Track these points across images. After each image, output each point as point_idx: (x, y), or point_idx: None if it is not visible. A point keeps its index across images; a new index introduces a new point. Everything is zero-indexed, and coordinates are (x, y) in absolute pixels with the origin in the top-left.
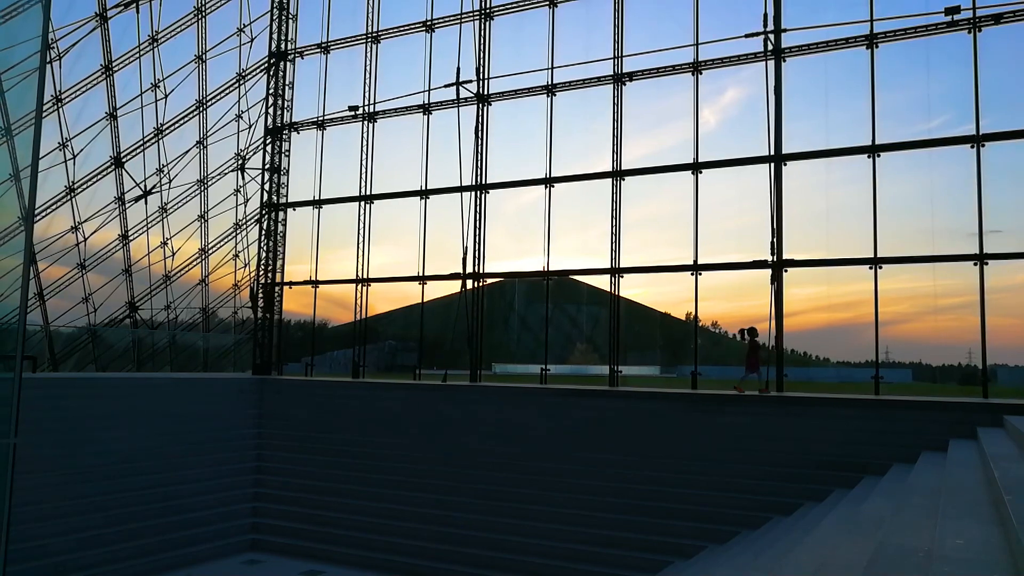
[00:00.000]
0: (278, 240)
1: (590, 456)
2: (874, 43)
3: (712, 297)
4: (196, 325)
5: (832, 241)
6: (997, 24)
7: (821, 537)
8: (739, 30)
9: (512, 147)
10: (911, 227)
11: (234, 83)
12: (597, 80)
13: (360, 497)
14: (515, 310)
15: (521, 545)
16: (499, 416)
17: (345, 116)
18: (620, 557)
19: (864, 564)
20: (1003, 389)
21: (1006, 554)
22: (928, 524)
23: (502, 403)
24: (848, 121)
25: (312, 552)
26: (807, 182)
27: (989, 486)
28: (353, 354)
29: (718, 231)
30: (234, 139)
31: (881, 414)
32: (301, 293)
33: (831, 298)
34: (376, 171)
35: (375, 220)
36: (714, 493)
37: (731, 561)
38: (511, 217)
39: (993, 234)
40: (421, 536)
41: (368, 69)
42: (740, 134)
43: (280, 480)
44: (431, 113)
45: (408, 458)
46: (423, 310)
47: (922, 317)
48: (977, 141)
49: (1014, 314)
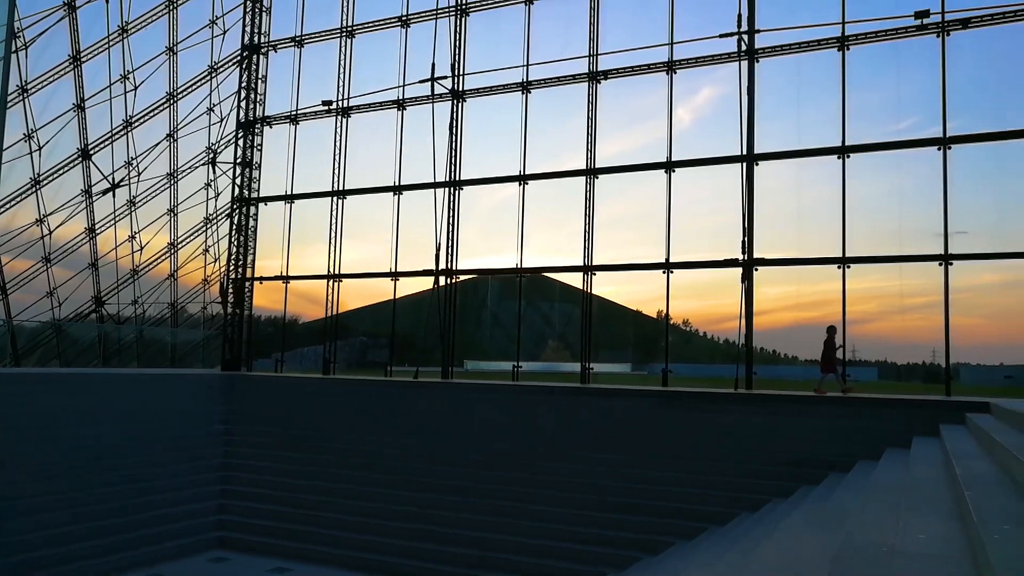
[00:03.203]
0: (249, 235)
1: (560, 453)
2: (845, 45)
3: (683, 295)
4: (164, 320)
5: (802, 241)
6: (965, 29)
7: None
8: (714, 30)
9: (486, 144)
10: (879, 227)
11: (206, 76)
12: (572, 78)
13: (330, 494)
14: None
15: (491, 541)
16: (470, 413)
17: (318, 111)
18: (588, 553)
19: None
20: (965, 387)
21: (966, 549)
22: (891, 520)
23: (474, 400)
24: (820, 122)
25: (280, 550)
26: (779, 182)
27: (951, 482)
28: (324, 351)
29: (690, 230)
30: (205, 132)
31: (847, 412)
32: (272, 289)
33: (800, 297)
34: (349, 167)
35: (347, 216)
36: (682, 489)
37: (699, 557)
38: (484, 214)
39: (958, 235)
40: (391, 533)
41: (342, 64)
42: (714, 133)
43: (249, 477)
44: (405, 109)
45: (379, 455)
46: (395, 306)
47: (888, 316)
48: (944, 143)
49: (977, 314)
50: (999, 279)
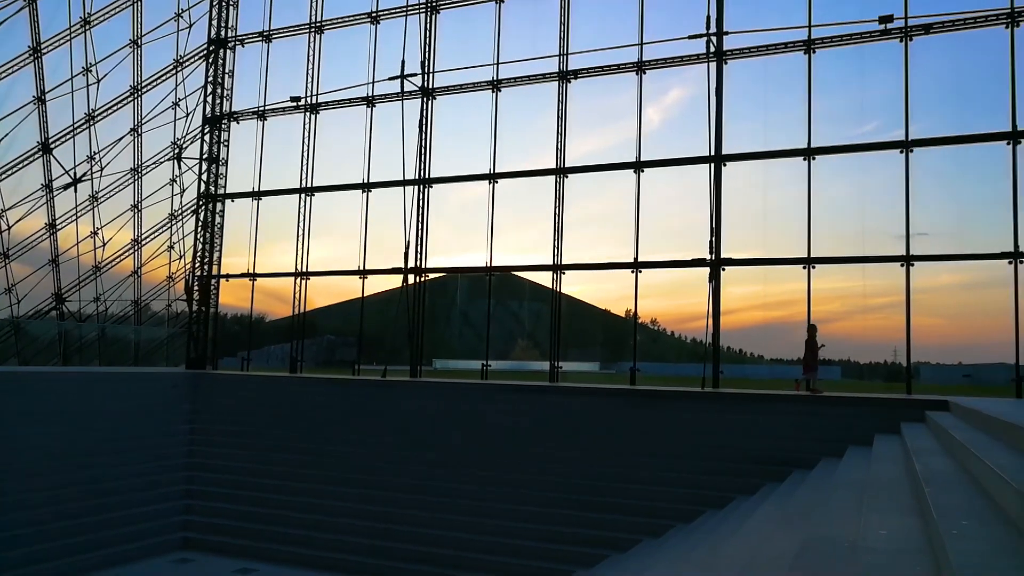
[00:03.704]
0: (215, 232)
1: (529, 451)
2: (812, 49)
3: (652, 295)
4: (127, 318)
5: (768, 241)
6: (927, 34)
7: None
8: (683, 31)
9: (456, 142)
10: (844, 228)
11: (171, 70)
12: (543, 77)
13: (296, 493)
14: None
15: (458, 540)
16: (438, 412)
17: (287, 107)
18: (556, 551)
19: (793, 555)
20: (925, 386)
21: (926, 544)
22: (854, 516)
23: (442, 399)
24: (787, 123)
25: (246, 550)
26: (746, 182)
27: (911, 479)
28: (291, 349)
29: (659, 230)
30: (170, 127)
31: (811, 410)
32: (238, 286)
33: (766, 297)
34: (318, 163)
35: (316, 213)
36: (650, 487)
37: (666, 554)
38: (454, 212)
39: (920, 237)
40: (359, 532)
41: (311, 59)
42: (682, 134)
43: (214, 477)
44: (375, 106)
45: (347, 454)
46: (363, 305)
47: (851, 316)
48: (906, 146)
49: (937, 314)
50: (958, 280)
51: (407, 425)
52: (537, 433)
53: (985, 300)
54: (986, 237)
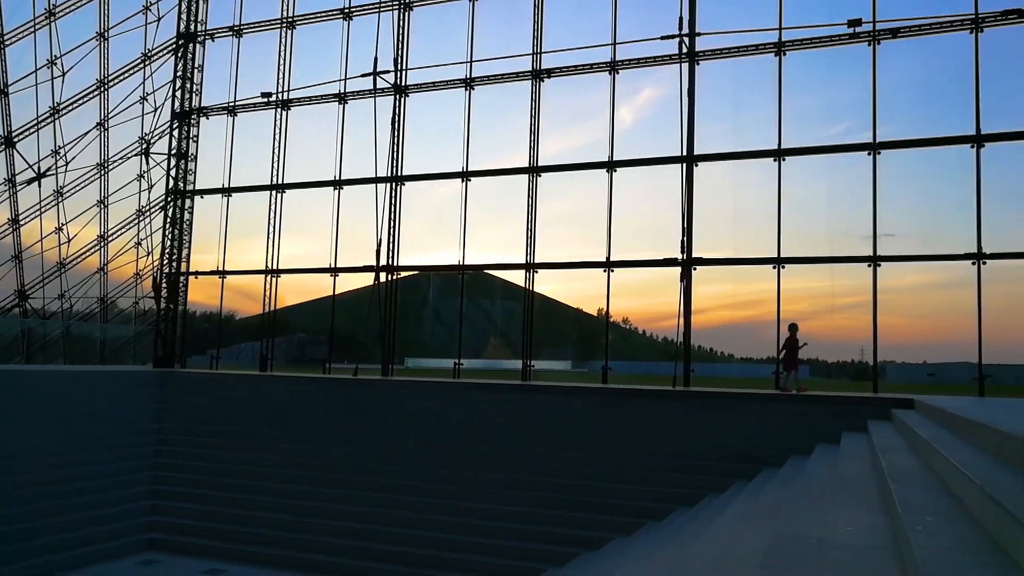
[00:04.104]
0: (184, 228)
1: (501, 450)
2: (782, 51)
3: (624, 294)
4: (93, 315)
5: (739, 241)
6: (895, 38)
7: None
8: (655, 32)
9: (429, 139)
10: (813, 229)
11: (139, 64)
12: (516, 76)
13: (266, 493)
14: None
15: (430, 539)
16: (411, 411)
17: (257, 103)
18: (528, 549)
19: (762, 552)
20: (891, 384)
21: (892, 540)
22: (821, 513)
23: (414, 397)
24: (757, 124)
25: (214, 551)
26: (717, 183)
27: (878, 476)
28: (261, 347)
29: (631, 229)
30: (138, 122)
31: (780, 408)
32: (207, 283)
33: (736, 296)
34: (289, 160)
35: (287, 210)
36: (621, 485)
37: (636, 552)
38: (427, 210)
39: (886, 237)
40: (328, 532)
41: (282, 55)
42: (655, 134)
43: (181, 477)
44: (347, 102)
45: (316, 453)
46: (334, 303)
47: (820, 316)
48: (874, 148)
49: (903, 314)
50: (923, 280)
51: (379, 424)
52: (509, 432)
53: (949, 300)
54: (951, 238)
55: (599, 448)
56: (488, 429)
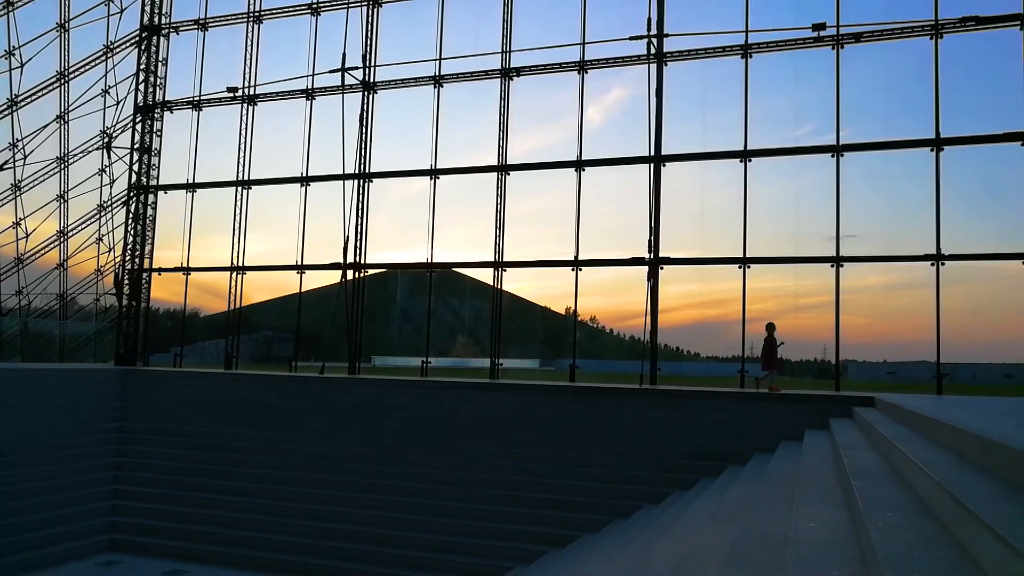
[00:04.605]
0: (147, 224)
1: (469, 448)
2: (749, 53)
3: (591, 292)
4: (52, 312)
5: (705, 241)
6: (858, 42)
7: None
8: (624, 32)
9: (398, 137)
10: (778, 229)
11: (101, 56)
12: (485, 74)
13: (230, 492)
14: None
15: (397, 538)
16: (378, 409)
17: (223, 97)
18: (495, 548)
19: (727, 548)
20: (853, 383)
21: (853, 535)
22: (785, 509)
23: (381, 396)
24: (725, 125)
25: (176, 551)
26: (685, 183)
27: (839, 473)
28: (226, 345)
29: (599, 228)
30: (100, 115)
31: (745, 407)
32: (171, 280)
33: (703, 295)
34: (255, 156)
35: (253, 207)
36: (588, 483)
37: (603, 549)
38: (395, 208)
39: (849, 238)
40: (293, 531)
41: (249, 50)
42: (623, 134)
43: (143, 476)
44: (315, 99)
45: (282, 452)
46: (301, 300)
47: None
48: (837, 151)
49: (864, 313)
50: (884, 281)
51: (345, 423)
52: (477, 430)
53: (909, 300)
54: (912, 240)
55: (566, 446)
56: (456, 427)
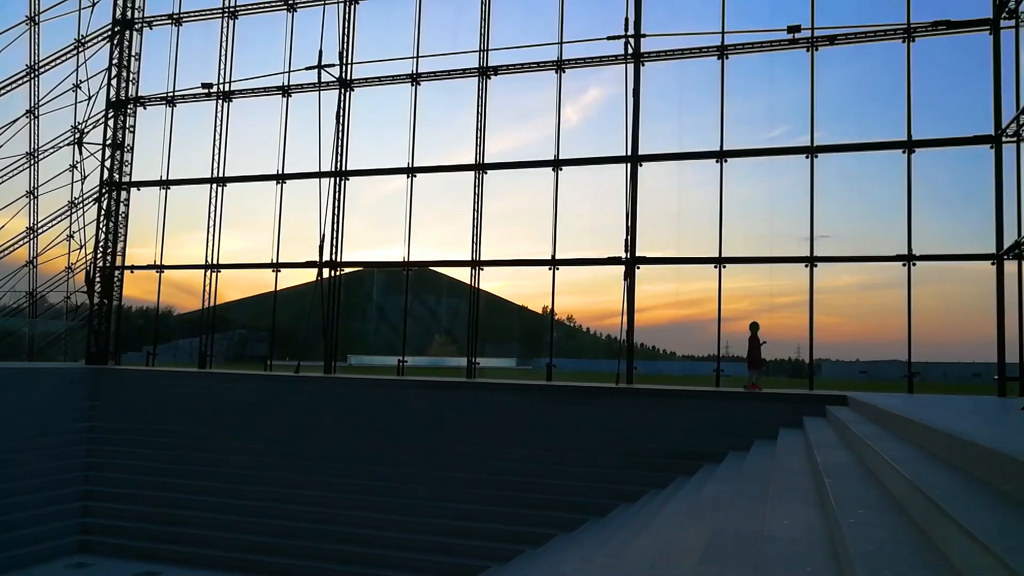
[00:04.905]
0: (119, 221)
1: (445, 447)
2: (725, 54)
3: (568, 291)
4: (21, 310)
5: (682, 240)
6: (832, 45)
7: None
8: (602, 32)
9: (374, 135)
10: (753, 229)
11: (72, 50)
12: (463, 72)
13: (203, 492)
14: (373, 301)
15: (372, 538)
16: (354, 408)
17: (198, 93)
18: (471, 547)
19: (703, 547)
20: (826, 381)
21: (826, 532)
22: (759, 507)
23: (356, 395)
24: (701, 126)
25: (148, 552)
26: (661, 183)
27: (813, 471)
28: (200, 343)
29: (576, 227)
30: (71, 110)
31: (720, 405)
32: (144, 278)
33: (679, 295)
34: (230, 153)
35: (228, 204)
36: (565, 482)
37: (579, 548)
38: (371, 206)
39: (823, 239)
40: (267, 531)
41: (224, 46)
42: (600, 133)
43: (115, 477)
44: (291, 96)
45: (256, 451)
46: (276, 298)
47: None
48: (811, 152)
49: (837, 313)
50: (857, 281)
51: (320, 422)
52: (453, 429)
53: (881, 300)
54: (884, 240)
55: (543, 445)
56: (432, 426)
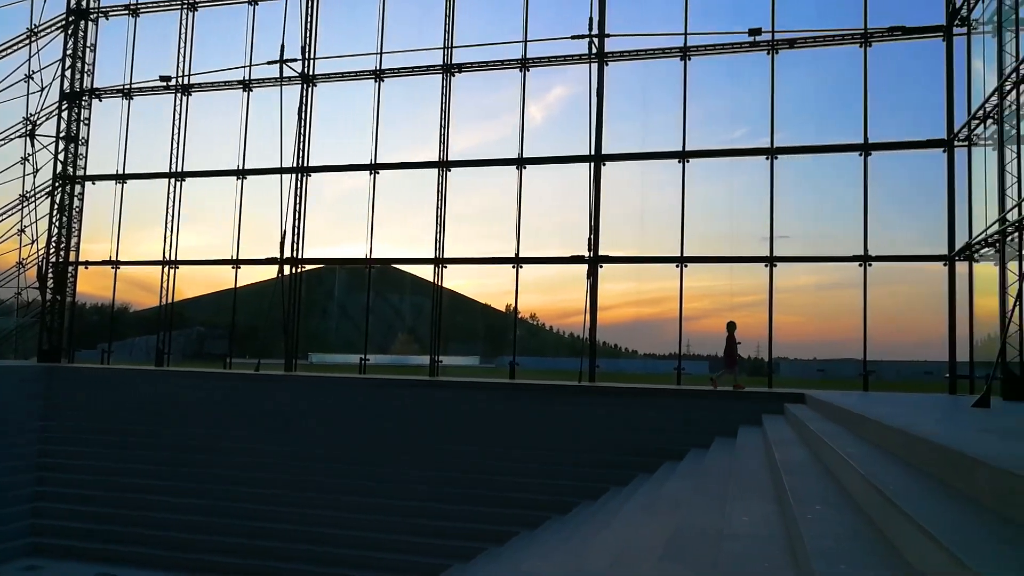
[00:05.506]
0: (73, 216)
1: (407, 446)
2: (687, 55)
3: (532, 290)
4: None
5: (644, 239)
6: (792, 48)
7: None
8: (566, 31)
9: (337, 131)
10: (714, 229)
11: (24, 40)
12: (427, 69)
13: (160, 492)
14: (335, 298)
15: (334, 537)
16: (314, 407)
17: (156, 86)
18: (433, 545)
19: (663, 544)
20: (784, 380)
21: (784, 528)
22: (719, 504)
23: (318, 393)
24: (664, 126)
25: (103, 554)
26: (624, 182)
27: (771, 468)
28: (157, 341)
29: (540, 226)
30: (22, 101)
31: (680, 403)
32: (99, 274)
33: (640, 294)
34: (189, 148)
35: (187, 199)
36: (527, 480)
37: (540, 546)
38: (333, 202)
39: (782, 239)
40: (226, 531)
41: (183, 38)
42: (565, 132)
43: (68, 477)
44: (252, 90)
45: (214, 450)
46: (236, 295)
47: (719, 313)
48: (771, 153)
49: (796, 312)
50: (815, 281)
51: (281, 421)
52: (416, 428)
53: (838, 300)
54: (841, 241)
55: (506, 443)
56: (394, 425)
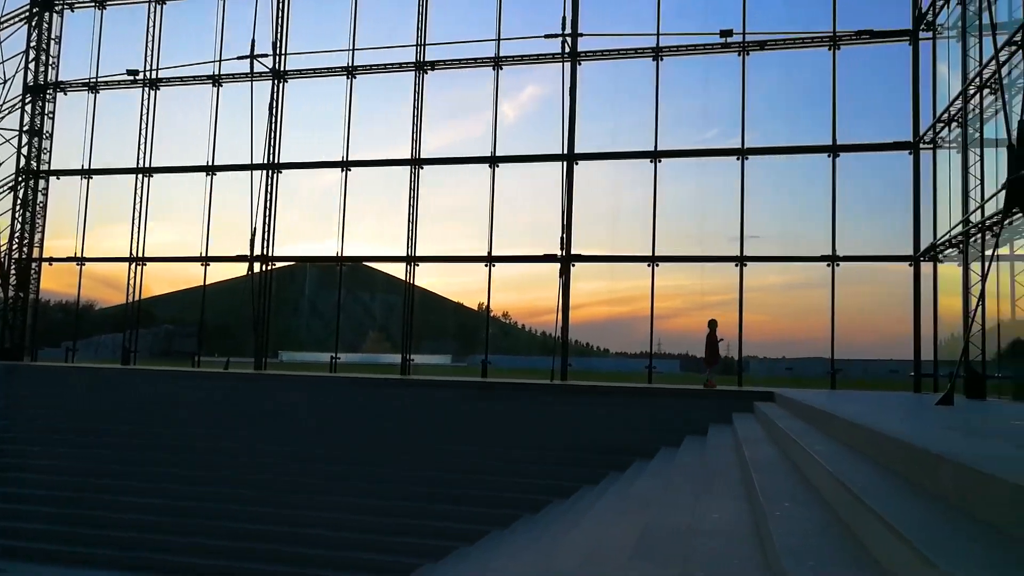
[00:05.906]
0: (37, 211)
1: (378, 444)
2: (660, 56)
3: (504, 288)
4: None
5: (616, 239)
6: (762, 50)
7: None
8: (540, 30)
9: (308, 127)
10: (685, 229)
11: None
12: (399, 66)
13: (123, 492)
14: (305, 296)
15: (303, 535)
16: (284, 405)
17: (123, 80)
18: (403, 544)
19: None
20: (754, 378)
21: (754, 525)
22: (689, 502)
23: (288, 392)
24: (637, 126)
25: (63, 556)
26: (597, 181)
27: (741, 465)
28: (124, 339)
29: (512, 224)
30: None
31: (652, 401)
32: (64, 271)
33: (612, 292)
34: (158, 143)
35: (155, 195)
36: (499, 478)
37: (511, 545)
38: (305, 199)
39: (752, 239)
40: (192, 532)
41: (151, 31)
42: (537, 131)
43: (27, 477)
44: (222, 85)
45: (182, 449)
46: (205, 293)
47: (690, 312)
48: (742, 154)
49: (765, 311)
50: (784, 280)
51: (249, 419)
52: (386, 426)
53: (807, 299)
54: (810, 241)
55: (477, 441)
56: (365, 424)
